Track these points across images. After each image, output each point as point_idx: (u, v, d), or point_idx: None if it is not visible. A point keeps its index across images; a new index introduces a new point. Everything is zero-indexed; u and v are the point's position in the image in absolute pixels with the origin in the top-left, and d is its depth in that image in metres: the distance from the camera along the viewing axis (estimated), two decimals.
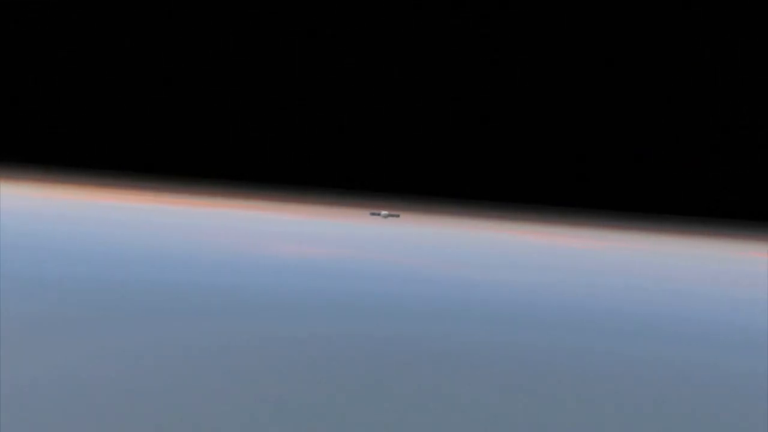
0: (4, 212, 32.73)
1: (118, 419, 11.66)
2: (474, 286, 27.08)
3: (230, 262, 28.14)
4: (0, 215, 31.98)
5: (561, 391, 15.42)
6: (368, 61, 43.38)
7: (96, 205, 38.47)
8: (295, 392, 13.90)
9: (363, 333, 19.32)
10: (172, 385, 13.62)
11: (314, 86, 44.21)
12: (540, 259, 31.15)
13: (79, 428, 11.31)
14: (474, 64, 43.71)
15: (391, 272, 28.52)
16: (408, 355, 17.52)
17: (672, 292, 28.76)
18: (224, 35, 44.84)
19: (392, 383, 15.05)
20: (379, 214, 30.42)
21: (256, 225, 35.44)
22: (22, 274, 22.64)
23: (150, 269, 25.38)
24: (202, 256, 28.93)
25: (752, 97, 40.23)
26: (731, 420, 14.55)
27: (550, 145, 43.72)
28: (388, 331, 19.76)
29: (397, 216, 30.65)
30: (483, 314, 22.83)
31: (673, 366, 18.52)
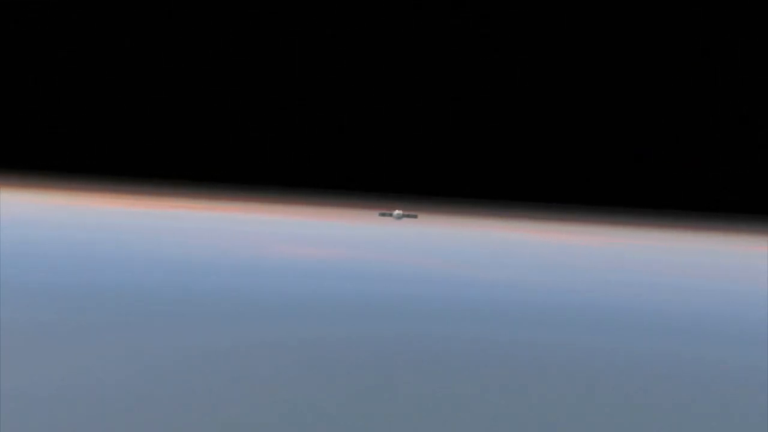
0: (3, 217, 32.15)
1: (120, 422, 11.46)
2: (494, 287, 27.12)
3: (235, 264, 28.05)
4: (0, 220, 31.49)
5: (578, 387, 15.33)
6: (386, 65, 43.19)
7: (95, 209, 37.72)
8: (310, 392, 13.70)
9: (378, 334, 19.12)
10: (176, 387, 13.38)
11: (332, 91, 43.92)
12: (557, 258, 31.21)
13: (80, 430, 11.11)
14: (482, 70, 43.83)
15: (407, 273, 28.47)
16: (425, 354, 17.35)
17: (684, 288, 29.05)
18: (224, 38, 44.39)
19: (405, 383, 14.89)
20: (390, 215, 30.12)
21: (266, 227, 35.06)
22: (22, 278, 22.28)
23: (169, 272, 25.13)
24: (213, 259, 28.85)
25: (752, 97, 40.93)
26: (726, 410, 14.59)
27: (562, 146, 43.95)
28: (402, 330, 19.61)
29: (415, 216, 30.37)
30: (505, 314, 22.83)
31: (688, 360, 18.60)
